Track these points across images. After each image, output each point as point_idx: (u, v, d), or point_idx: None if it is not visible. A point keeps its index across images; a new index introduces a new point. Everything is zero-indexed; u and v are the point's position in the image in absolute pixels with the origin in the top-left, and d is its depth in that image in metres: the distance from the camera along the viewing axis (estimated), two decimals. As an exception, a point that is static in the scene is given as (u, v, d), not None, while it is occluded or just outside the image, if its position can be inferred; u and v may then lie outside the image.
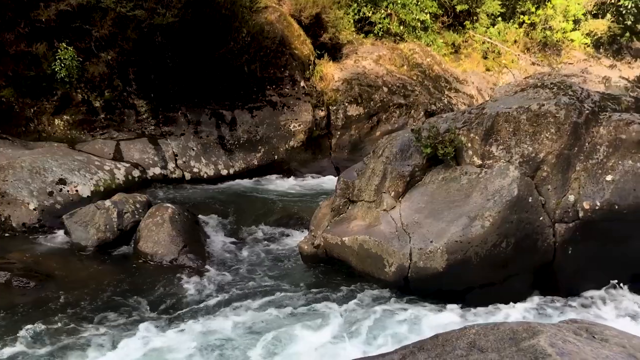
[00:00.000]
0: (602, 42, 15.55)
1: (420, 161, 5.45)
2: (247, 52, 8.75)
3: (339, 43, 10.71)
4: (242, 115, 8.72)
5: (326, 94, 9.41)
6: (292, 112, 8.92)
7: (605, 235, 4.85)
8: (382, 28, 11.85)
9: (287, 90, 9.08)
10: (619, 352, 1.56)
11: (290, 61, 9.23)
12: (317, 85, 9.48)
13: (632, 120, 4.97)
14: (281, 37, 9.15)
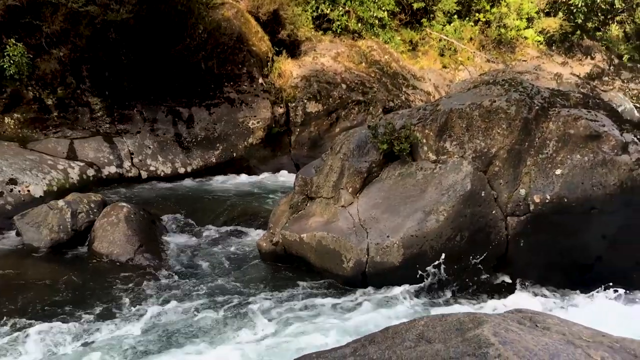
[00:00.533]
0: (554, 39, 15.96)
1: (377, 157, 5.51)
2: (204, 48, 8.68)
3: (297, 40, 10.71)
4: (199, 113, 8.64)
5: (285, 90, 9.40)
6: (251, 109, 8.89)
7: (556, 227, 4.99)
8: (340, 25, 11.89)
9: (245, 87, 9.04)
10: (559, 339, 1.62)
11: (248, 58, 9.19)
12: (275, 82, 9.47)
13: (580, 115, 5.13)
14: (238, 34, 9.10)
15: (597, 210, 4.93)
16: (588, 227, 4.99)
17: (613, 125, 5.26)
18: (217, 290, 4.80)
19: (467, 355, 1.57)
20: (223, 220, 6.47)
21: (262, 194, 7.45)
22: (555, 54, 15.59)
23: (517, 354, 1.50)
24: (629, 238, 5.02)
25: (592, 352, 1.52)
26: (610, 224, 4.99)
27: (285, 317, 4.22)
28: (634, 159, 4.99)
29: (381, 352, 1.89)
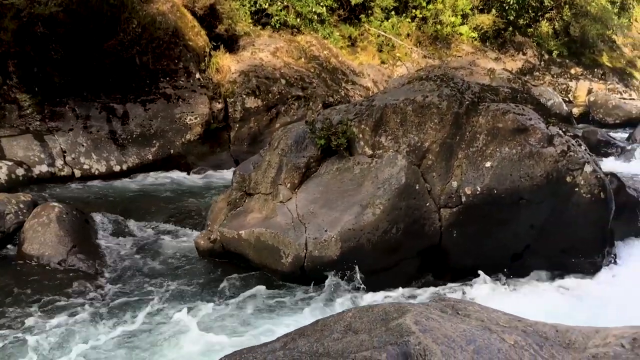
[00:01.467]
0: (488, 36, 16.43)
1: (315, 152, 5.55)
2: (139, 43, 8.48)
3: (235, 35, 10.61)
4: (134, 109, 8.44)
5: (223, 86, 9.30)
6: (188, 105, 8.75)
7: (487, 218, 5.17)
8: (279, 20, 11.86)
9: (182, 82, 8.89)
10: (476, 326, 1.69)
11: (185, 53, 9.04)
12: (213, 77, 9.36)
13: (508, 109, 5.32)
14: (174, 29, 8.94)
15: (525, 201, 5.13)
16: (517, 217, 5.19)
17: (539, 119, 5.49)
18: (152, 290, 4.72)
19: (389, 344, 1.62)
20: (160, 218, 6.36)
21: (200, 191, 7.37)
22: (489, 50, 16.06)
23: (436, 341, 1.56)
24: (555, 227, 5.25)
25: (507, 336, 1.60)
26: (538, 213, 5.20)
27: (221, 315, 4.21)
28: (559, 151, 5.21)
29: (310, 344, 1.92)
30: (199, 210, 6.49)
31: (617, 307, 4.29)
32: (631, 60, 19.52)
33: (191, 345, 3.76)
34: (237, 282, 4.90)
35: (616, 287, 4.83)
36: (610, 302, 4.46)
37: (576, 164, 5.20)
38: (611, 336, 1.51)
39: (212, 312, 4.30)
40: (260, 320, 4.11)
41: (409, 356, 1.56)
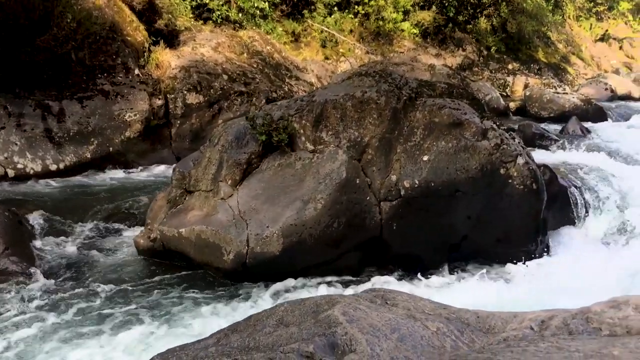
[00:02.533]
0: (429, 32, 16.76)
1: (256, 148, 5.54)
2: (74, 38, 8.21)
3: (175, 30, 10.43)
4: (71, 106, 8.18)
5: (163, 82, 9.13)
6: (127, 102, 8.55)
7: (425, 210, 5.29)
8: (220, 15, 11.74)
9: (121, 78, 8.68)
10: (402, 314, 1.75)
11: (123, 48, 8.83)
12: (153, 73, 9.17)
13: (444, 104, 5.46)
14: (111, 23, 8.71)
15: (462, 193, 5.28)
16: (454, 209, 5.33)
17: (474, 113, 5.65)
18: (88, 291, 4.61)
19: (317, 335, 1.65)
20: (99, 218, 6.20)
21: (140, 190, 7.22)
22: (430, 46, 16.39)
23: (362, 330, 1.61)
24: (490, 217, 5.43)
25: (430, 323, 1.66)
26: (474, 205, 5.36)
27: (159, 314, 4.16)
28: (492, 144, 5.39)
29: (242, 339, 1.93)
30: (139, 208, 6.37)
31: (546, 292, 4.48)
32: (565, 55, 20.35)
33: (127, 344, 3.70)
34: (177, 281, 4.85)
35: (548, 274, 5.03)
36: (540, 288, 4.66)
37: (509, 157, 5.39)
38: (527, 320, 1.58)
39: (150, 312, 4.24)
40: (200, 318, 4.08)
41: (335, 346, 1.60)
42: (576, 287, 4.45)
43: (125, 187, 7.46)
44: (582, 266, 5.08)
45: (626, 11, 27.11)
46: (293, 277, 4.95)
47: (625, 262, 5.25)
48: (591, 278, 4.66)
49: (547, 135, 9.82)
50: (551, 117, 11.91)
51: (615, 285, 4.35)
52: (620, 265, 5.09)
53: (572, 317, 1.46)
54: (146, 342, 3.71)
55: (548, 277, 5.11)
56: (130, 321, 4.08)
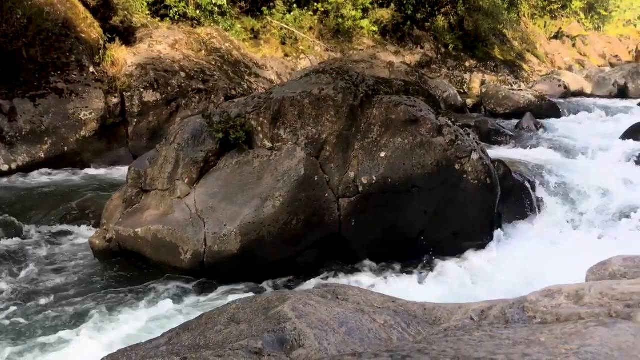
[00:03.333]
0: (388, 29, 16.93)
1: (213, 146, 5.50)
2: (25, 35, 7.99)
3: (131, 27, 10.26)
4: (23, 105, 7.95)
5: (119, 79, 8.96)
6: (82, 100, 8.37)
7: (383, 206, 5.35)
8: (178, 12, 11.60)
9: (75, 76, 8.48)
10: (351, 308, 1.77)
11: (77, 45, 8.62)
12: (108, 70, 8.99)
13: (400, 102, 5.52)
14: (64, 20, 8.50)
15: (418, 189, 5.36)
16: (411, 204, 5.40)
17: (429, 110, 5.74)
18: (40, 294, 4.51)
19: (267, 331, 1.66)
20: (52, 219, 6.06)
21: (96, 190, 7.08)
22: (389, 44, 16.55)
23: (310, 325, 1.62)
24: (446, 212, 5.52)
25: (377, 317, 1.69)
26: (430, 200, 5.45)
27: (113, 315, 4.09)
28: (447, 140, 5.48)
29: (194, 338, 1.93)
30: (95, 209, 6.24)
31: (498, 283, 4.60)
32: (520, 53, 20.83)
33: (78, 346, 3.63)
34: (132, 281, 4.78)
35: (501, 266, 5.16)
36: (493, 280, 4.77)
37: (464, 152, 5.49)
38: (470, 310, 1.63)
39: (104, 313, 4.17)
40: (155, 318, 4.04)
41: (284, 342, 1.61)
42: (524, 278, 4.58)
43: (80, 187, 7.30)
44: (533, 258, 5.22)
45: (578, 10, 27.95)
46: (252, 275, 4.94)
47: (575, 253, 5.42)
48: (540, 269, 4.80)
49: (503, 131, 10.04)
50: (507, 114, 12.17)
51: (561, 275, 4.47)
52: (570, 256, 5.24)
53: (509, 307, 1.51)
54: (99, 343, 3.65)
55: (500, 268, 5.24)
56: (81, 322, 4.01)
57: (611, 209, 6.63)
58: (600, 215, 6.58)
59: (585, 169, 7.73)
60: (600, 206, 6.75)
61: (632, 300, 1.27)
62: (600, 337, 1.03)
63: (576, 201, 6.84)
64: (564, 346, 1.01)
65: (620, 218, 6.43)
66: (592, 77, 17.07)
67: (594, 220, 6.47)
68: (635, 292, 1.30)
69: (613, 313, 1.25)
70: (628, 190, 7.20)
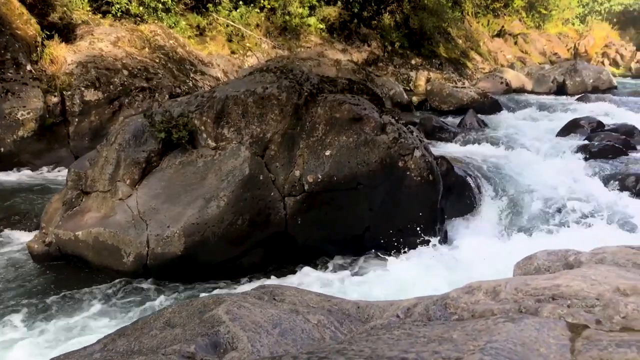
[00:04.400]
0: (335, 27, 17.03)
1: (155, 146, 5.41)
2: (-45, 31, 7.65)
3: (71, 23, 9.95)
4: (-45, 105, 7.63)
5: (59, 78, 8.69)
6: (19, 99, 8.08)
7: (329, 203, 5.39)
8: (120, 8, 11.34)
9: (11, 74, 8.17)
10: (286, 309, 1.79)
11: (12, 42, 8.31)
12: (47, 69, 8.70)
13: (344, 100, 5.57)
14: (-2, 16, 8.18)
15: (363, 186, 5.42)
16: (356, 202, 5.46)
17: (373, 109, 5.81)
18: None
19: (200, 335, 1.65)
20: (-12, 223, 5.84)
21: (35, 192, 6.85)
22: (336, 41, 16.65)
23: (244, 328, 1.63)
24: (391, 208, 5.61)
25: (311, 317, 1.71)
26: (375, 197, 5.52)
27: (51, 321, 3.98)
28: (391, 138, 5.56)
29: (129, 343, 1.90)
30: (33, 212, 6.05)
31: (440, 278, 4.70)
32: (464, 50, 21.31)
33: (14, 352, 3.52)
34: (73, 286, 4.64)
35: (443, 261, 5.28)
36: (435, 275, 4.88)
37: (406, 150, 5.59)
38: (401, 307, 1.67)
39: (39, 319, 4.05)
40: (96, 323, 3.95)
41: (218, 345, 1.61)
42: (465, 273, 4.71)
43: (18, 189, 7.06)
44: (474, 252, 5.37)
45: (520, 8, 28.83)
46: (196, 276, 4.90)
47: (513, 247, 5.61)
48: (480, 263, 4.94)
49: (447, 127, 10.26)
50: (451, 110, 12.44)
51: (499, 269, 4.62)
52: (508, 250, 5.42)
53: (433, 304, 1.56)
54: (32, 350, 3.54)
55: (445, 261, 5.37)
56: (18, 329, 3.88)
57: (548, 203, 6.88)
58: (539, 210, 6.81)
59: (524, 164, 8.00)
60: (538, 201, 6.99)
61: (542, 295, 1.33)
62: (507, 333, 1.08)
63: (515, 196, 7.06)
64: (473, 342, 1.05)
65: (557, 212, 6.68)
66: (533, 74, 17.64)
67: (532, 215, 6.70)
68: (546, 287, 1.37)
69: (523, 308, 1.31)
70: (564, 184, 7.48)
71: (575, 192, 7.24)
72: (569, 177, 7.74)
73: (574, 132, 9.81)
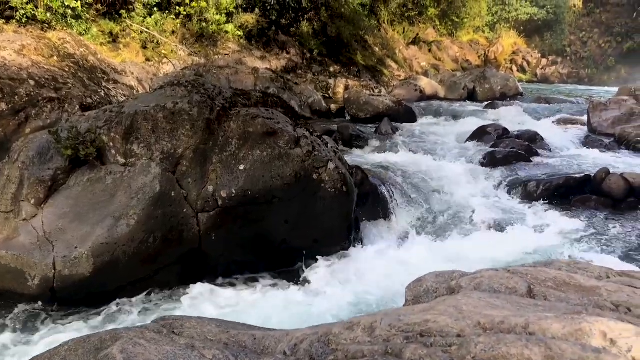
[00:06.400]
0: (253, 34, 16.98)
1: (62, 163, 5.23)
2: None
3: (-30, 30, 9.40)
4: None
5: (-45, 89, 8.19)
6: None
7: (244, 218, 5.40)
8: (25, 14, 10.80)
9: None
10: (182, 345, 1.79)
11: None
12: (-58, 79, 8.18)
13: (257, 114, 5.60)
14: None
15: (278, 199, 5.47)
16: (272, 215, 5.50)
17: (287, 122, 5.87)
18: None
19: (93, 378, 1.64)
20: None
21: None
22: (255, 48, 16.62)
23: (138, 368, 1.63)
24: (307, 220, 5.69)
25: (207, 352, 1.73)
26: (291, 209, 5.58)
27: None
28: (305, 152, 5.64)
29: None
30: None
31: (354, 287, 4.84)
32: (381, 58, 21.84)
33: None
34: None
35: (358, 270, 5.41)
36: (350, 283, 5.01)
37: (321, 162, 5.69)
38: (294, 339, 1.72)
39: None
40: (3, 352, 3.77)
41: (110, 387, 1.60)
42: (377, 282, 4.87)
43: None
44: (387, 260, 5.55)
45: (434, 16, 29.88)
46: (107, 297, 4.77)
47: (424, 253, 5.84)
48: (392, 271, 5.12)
49: (363, 136, 10.49)
50: (368, 118, 12.72)
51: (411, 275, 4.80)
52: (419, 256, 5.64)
53: (317, 340, 1.62)
54: None
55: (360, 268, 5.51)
56: None
57: (457, 209, 7.21)
58: (448, 215, 7.13)
59: (435, 171, 8.33)
60: (447, 206, 7.31)
61: (412, 332, 1.42)
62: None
63: (427, 202, 7.35)
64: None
65: (464, 217, 7.01)
66: (445, 81, 18.33)
67: (442, 221, 7.00)
68: (417, 323, 1.46)
69: (390, 349, 1.39)
70: (472, 190, 7.86)
71: (481, 197, 7.62)
72: (476, 183, 8.14)
73: (482, 139, 10.30)
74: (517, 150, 9.15)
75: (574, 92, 22.03)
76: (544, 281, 1.76)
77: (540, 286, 1.72)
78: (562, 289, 1.71)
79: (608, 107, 11.65)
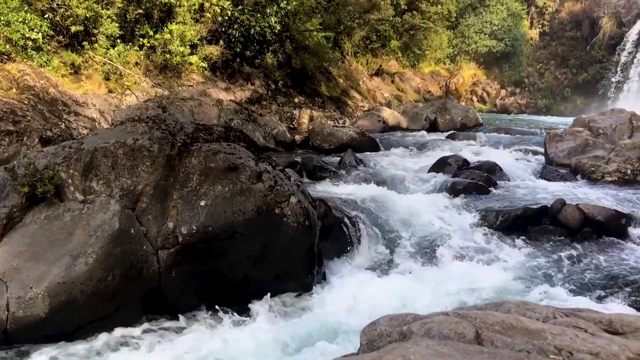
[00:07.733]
0: (217, 66, 17.08)
1: (18, 201, 5.14)
2: None
3: None
4: None
5: None
6: None
7: (204, 254, 5.36)
8: (-17, 46, 10.68)
9: None
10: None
11: None
12: None
13: (219, 150, 5.61)
14: None
15: (240, 234, 5.45)
16: (233, 251, 5.48)
17: (249, 157, 5.90)
18: None
19: None
20: None
21: None
22: (219, 80, 16.70)
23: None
24: (269, 255, 5.68)
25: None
26: (253, 244, 5.57)
27: None
28: (267, 186, 5.67)
29: None
30: None
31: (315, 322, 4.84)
32: (345, 89, 22.19)
33: None
34: None
35: (320, 305, 5.42)
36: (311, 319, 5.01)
37: (283, 197, 5.71)
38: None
39: None
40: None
41: None
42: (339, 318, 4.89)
43: None
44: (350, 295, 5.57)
45: (396, 48, 30.59)
46: (65, 338, 4.65)
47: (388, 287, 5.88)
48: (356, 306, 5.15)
49: (327, 167, 10.58)
50: (332, 149, 12.86)
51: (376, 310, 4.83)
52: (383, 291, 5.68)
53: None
54: None
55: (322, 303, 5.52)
56: None
57: (419, 240, 7.30)
58: (410, 247, 7.20)
59: (398, 202, 8.42)
60: (409, 238, 7.39)
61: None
62: None
63: (389, 233, 7.42)
64: None
65: (426, 248, 7.10)
66: (408, 112, 18.69)
67: (404, 252, 7.06)
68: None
69: None
70: (434, 221, 7.97)
71: (443, 228, 7.73)
72: (438, 214, 8.26)
73: (443, 170, 10.49)
74: (476, 182, 9.34)
75: (533, 122, 22.71)
76: (492, 325, 1.81)
77: (488, 330, 1.77)
78: (509, 332, 1.76)
79: (564, 138, 12.03)
